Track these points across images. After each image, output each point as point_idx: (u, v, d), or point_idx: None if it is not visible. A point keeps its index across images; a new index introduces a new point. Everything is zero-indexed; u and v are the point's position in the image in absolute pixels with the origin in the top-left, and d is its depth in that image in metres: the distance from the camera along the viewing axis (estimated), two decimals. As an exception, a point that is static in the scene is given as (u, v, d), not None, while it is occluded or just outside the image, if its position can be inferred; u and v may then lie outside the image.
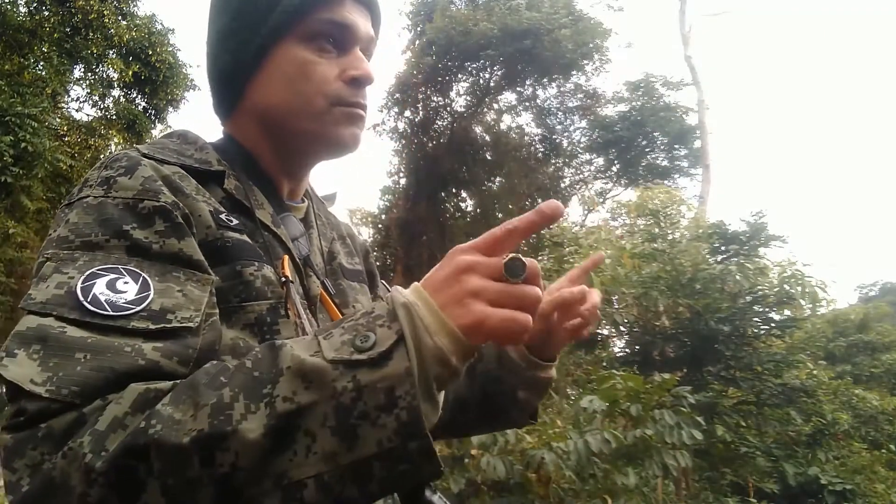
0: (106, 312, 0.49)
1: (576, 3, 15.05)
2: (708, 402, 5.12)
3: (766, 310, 5.61)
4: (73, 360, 0.46)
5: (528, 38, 14.23)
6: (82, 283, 0.50)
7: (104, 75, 10.58)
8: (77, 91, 10.86)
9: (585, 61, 15.43)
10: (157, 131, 11.42)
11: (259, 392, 0.44)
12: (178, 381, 0.47)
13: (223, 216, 0.64)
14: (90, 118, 10.96)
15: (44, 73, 9.48)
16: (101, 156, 10.63)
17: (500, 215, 17.22)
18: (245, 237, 0.65)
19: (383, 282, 0.93)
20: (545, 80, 16.05)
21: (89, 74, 10.52)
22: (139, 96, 11.04)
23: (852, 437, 6.56)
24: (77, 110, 11.14)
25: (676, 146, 15.07)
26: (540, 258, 7.96)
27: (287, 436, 0.43)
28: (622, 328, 6.25)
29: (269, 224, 0.69)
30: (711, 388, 5.45)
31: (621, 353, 6.40)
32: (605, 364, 6.00)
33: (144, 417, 0.43)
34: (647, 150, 15.52)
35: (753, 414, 5.55)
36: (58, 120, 9.84)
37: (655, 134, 14.99)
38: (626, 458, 3.34)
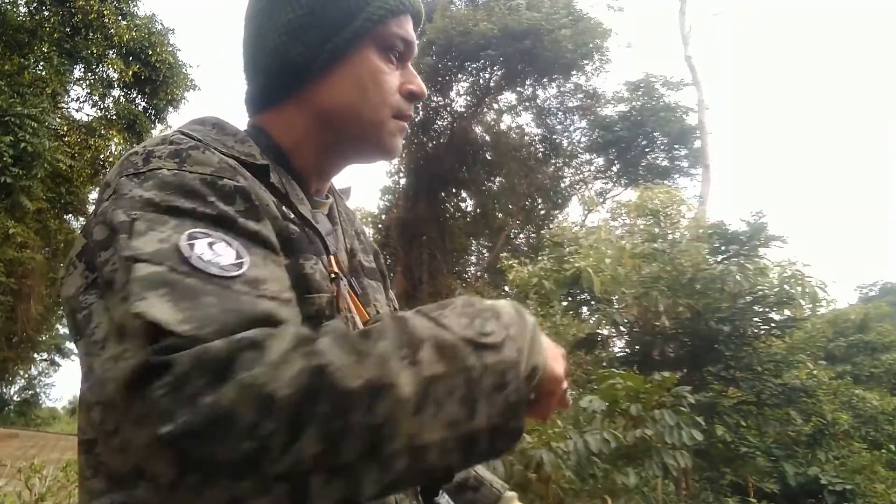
0: (211, 272, 0.48)
1: (576, 3, 15.07)
2: (708, 402, 5.11)
3: (766, 310, 5.61)
4: (202, 303, 0.46)
5: (528, 38, 14.24)
6: (186, 240, 0.49)
7: (104, 75, 10.59)
8: (77, 91, 10.87)
9: (585, 61, 15.44)
10: (157, 131, 11.42)
11: (409, 354, 0.46)
12: (326, 327, 0.48)
13: (283, 208, 0.65)
14: (90, 118, 10.97)
15: (44, 73, 9.48)
16: (101, 156, 10.64)
17: (499, 215, 17.24)
18: (301, 231, 0.66)
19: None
20: (545, 80, 16.06)
21: (89, 74, 10.52)
22: (139, 96, 11.04)
23: (852, 437, 6.56)
24: (77, 110, 11.15)
25: (676, 146, 15.07)
26: (540, 258, 7.95)
27: (424, 401, 0.44)
28: (622, 328, 6.24)
29: (311, 220, 0.69)
30: (711, 388, 5.46)
31: (621, 353, 6.40)
32: (605, 364, 5.99)
33: (308, 354, 0.43)
34: (647, 150, 15.52)
35: (753, 414, 5.55)
36: (58, 120, 9.83)
37: (655, 134, 14.99)
38: (626, 458, 3.34)
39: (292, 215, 0.65)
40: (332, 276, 0.65)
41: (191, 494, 0.40)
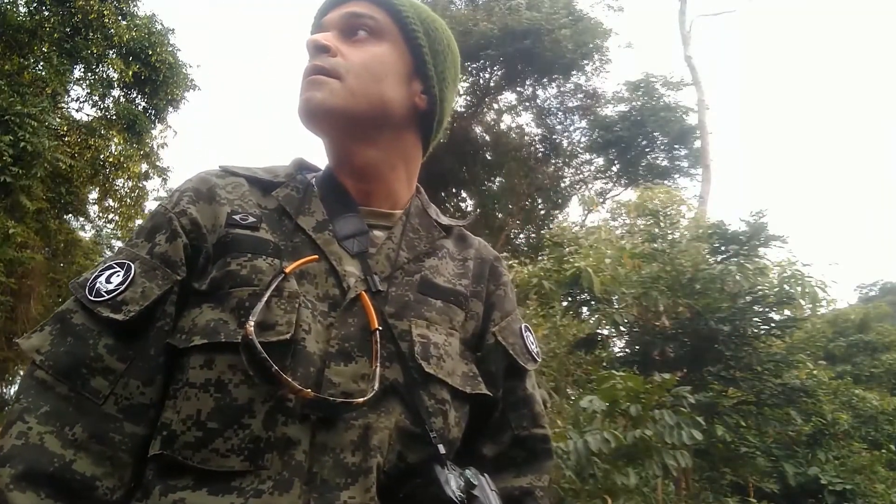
0: (91, 298, 0.68)
1: (576, 3, 15.05)
2: (708, 402, 5.11)
3: (766, 310, 5.60)
4: (65, 342, 0.67)
5: (528, 38, 14.22)
6: (99, 271, 0.71)
7: (104, 75, 10.56)
8: (77, 91, 10.85)
9: (585, 61, 15.41)
10: (157, 131, 11.41)
11: None
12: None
13: (238, 216, 0.75)
14: (90, 118, 10.95)
15: (44, 73, 9.47)
16: (101, 156, 10.63)
17: (499, 215, 17.23)
18: (256, 233, 0.74)
19: (525, 325, 0.90)
20: (545, 80, 16.04)
21: (89, 74, 10.50)
22: (139, 96, 11.02)
23: (852, 437, 6.56)
24: (77, 110, 11.13)
25: (676, 146, 15.05)
26: (540, 258, 7.94)
27: None
28: (622, 328, 6.24)
29: (305, 228, 0.76)
30: (711, 388, 5.45)
31: (621, 353, 6.39)
32: (605, 364, 5.99)
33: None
34: (647, 150, 15.50)
35: (753, 414, 5.55)
36: (58, 120, 9.82)
37: (655, 134, 14.96)
38: (626, 458, 3.34)
39: (251, 219, 0.75)
40: (281, 272, 0.70)
41: None
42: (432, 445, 0.69)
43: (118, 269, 0.70)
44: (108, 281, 0.69)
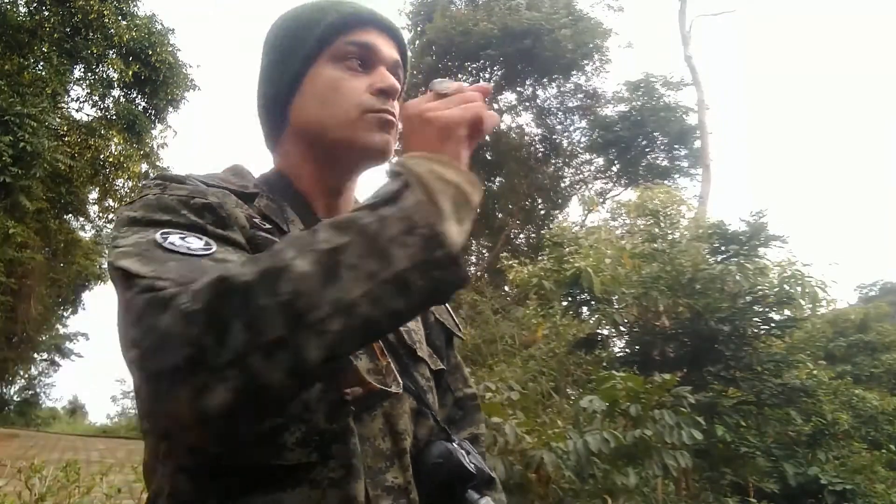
0: (181, 251, 0.59)
1: (576, 3, 15.08)
2: (708, 402, 5.12)
3: (766, 310, 5.61)
4: (167, 265, 0.56)
5: (528, 38, 14.24)
6: (160, 235, 0.60)
7: (104, 75, 10.58)
8: (77, 91, 10.87)
9: (585, 61, 15.43)
10: (157, 131, 11.42)
11: (303, 244, 0.53)
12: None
13: (256, 220, 0.73)
14: (90, 118, 10.96)
15: (44, 73, 9.48)
16: (101, 156, 10.64)
17: (499, 215, 17.23)
18: (275, 239, 0.73)
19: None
20: (545, 80, 16.06)
21: (89, 74, 10.52)
22: (139, 96, 11.04)
23: (852, 437, 6.56)
24: (77, 110, 11.15)
25: (676, 146, 15.06)
26: (540, 258, 7.95)
27: (333, 269, 0.51)
28: (622, 328, 6.24)
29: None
30: (711, 388, 5.46)
31: (621, 353, 6.39)
32: (605, 364, 5.99)
33: (221, 277, 0.52)
34: (647, 150, 15.51)
35: (753, 414, 5.55)
36: (58, 120, 9.83)
37: (655, 134, 14.98)
38: (626, 458, 3.34)
39: (268, 225, 0.73)
40: None
41: (162, 396, 0.50)
42: (435, 422, 0.78)
43: (181, 232, 0.62)
44: (184, 240, 0.61)
